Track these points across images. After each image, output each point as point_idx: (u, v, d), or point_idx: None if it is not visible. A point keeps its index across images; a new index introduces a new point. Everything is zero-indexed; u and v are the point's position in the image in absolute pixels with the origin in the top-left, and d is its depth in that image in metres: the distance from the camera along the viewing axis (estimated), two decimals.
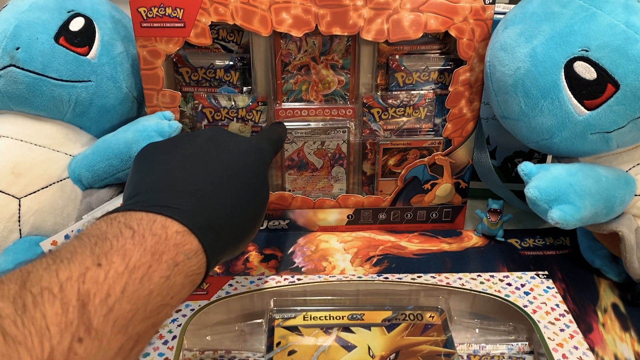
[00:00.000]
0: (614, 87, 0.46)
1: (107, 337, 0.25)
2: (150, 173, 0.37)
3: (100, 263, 0.27)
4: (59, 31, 0.54)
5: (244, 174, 0.38)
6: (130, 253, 0.29)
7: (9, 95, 0.54)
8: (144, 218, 0.31)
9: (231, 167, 0.38)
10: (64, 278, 0.26)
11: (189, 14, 0.53)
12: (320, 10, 0.53)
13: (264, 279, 0.53)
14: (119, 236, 0.30)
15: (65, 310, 0.25)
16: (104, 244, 0.29)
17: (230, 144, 0.40)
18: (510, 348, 0.48)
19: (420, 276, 0.54)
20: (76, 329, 0.24)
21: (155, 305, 0.29)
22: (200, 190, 0.35)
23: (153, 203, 0.33)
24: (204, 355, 0.48)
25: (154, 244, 0.30)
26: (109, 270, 0.27)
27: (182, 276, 0.31)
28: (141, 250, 0.29)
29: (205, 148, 0.38)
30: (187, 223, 0.32)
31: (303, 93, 0.60)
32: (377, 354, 0.45)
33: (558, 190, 0.47)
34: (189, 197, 0.34)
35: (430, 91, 0.60)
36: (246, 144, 0.41)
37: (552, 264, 0.59)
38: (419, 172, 0.62)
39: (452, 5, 0.54)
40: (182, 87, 0.60)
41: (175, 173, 0.36)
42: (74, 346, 0.24)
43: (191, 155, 0.38)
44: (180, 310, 0.49)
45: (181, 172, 0.36)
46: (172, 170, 0.36)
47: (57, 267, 0.27)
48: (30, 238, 0.52)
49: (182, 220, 0.32)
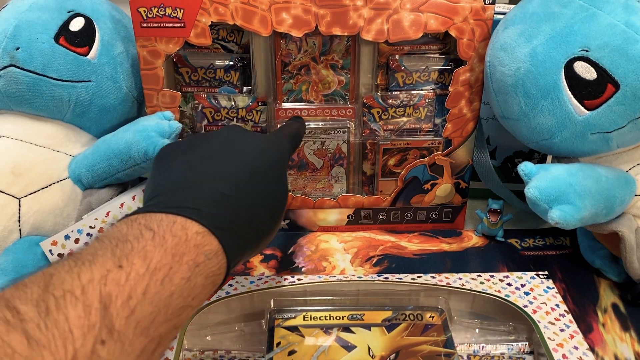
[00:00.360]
0: (614, 87, 0.46)
1: (129, 339, 0.26)
2: (169, 174, 0.37)
3: (121, 265, 0.27)
4: (59, 31, 0.54)
5: (262, 173, 0.38)
6: (151, 254, 0.29)
7: (9, 95, 0.54)
8: (164, 219, 0.31)
9: (249, 167, 0.38)
10: (86, 280, 0.26)
11: (189, 14, 0.53)
12: (320, 10, 0.53)
13: (264, 279, 0.53)
14: (139, 238, 0.30)
15: (88, 313, 0.25)
16: (124, 245, 0.29)
17: (249, 143, 0.40)
18: (510, 348, 0.48)
19: (420, 276, 0.54)
20: (99, 332, 0.25)
21: (176, 306, 0.29)
22: (219, 191, 0.35)
23: (172, 204, 0.33)
24: (204, 355, 0.48)
25: (174, 245, 0.30)
26: (130, 272, 0.27)
27: (203, 277, 0.31)
28: (162, 252, 0.29)
29: (223, 148, 0.39)
30: (207, 224, 0.32)
31: (303, 93, 0.60)
32: (377, 354, 0.45)
33: (558, 190, 0.47)
34: (208, 198, 0.34)
35: (430, 91, 0.60)
36: (264, 142, 0.41)
37: (552, 264, 0.59)
38: (419, 172, 0.62)
39: (452, 5, 0.54)
40: (182, 87, 0.60)
41: (194, 174, 0.36)
42: (96, 348, 0.24)
43: (209, 155, 0.38)
44: None
45: (200, 173, 0.36)
46: (191, 171, 0.36)
47: (79, 269, 0.27)
48: (30, 238, 0.52)
49: (202, 221, 0.32)
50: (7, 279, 0.48)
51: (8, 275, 0.49)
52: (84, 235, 0.51)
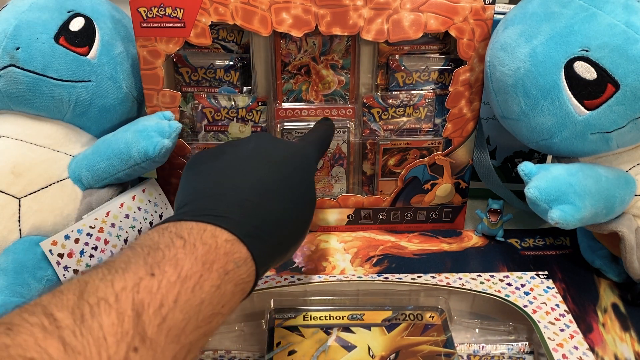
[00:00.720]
0: (614, 87, 0.46)
1: (161, 346, 0.26)
2: (199, 183, 0.37)
3: (153, 273, 0.28)
4: (59, 31, 0.54)
5: (290, 181, 0.39)
6: (182, 262, 0.29)
7: (9, 95, 0.54)
8: (195, 227, 0.32)
9: (277, 175, 0.38)
10: (119, 288, 0.27)
11: (189, 14, 0.53)
12: (320, 10, 0.53)
13: (264, 279, 0.53)
14: (170, 246, 0.30)
15: (121, 321, 0.25)
16: (156, 253, 0.29)
17: (276, 151, 0.41)
18: (510, 348, 0.48)
19: (420, 276, 0.54)
20: (132, 339, 0.25)
21: (206, 314, 0.29)
22: (248, 199, 0.35)
23: (202, 212, 0.34)
24: (204, 355, 0.48)
25: (204, 253, 0.30)
26: (162, 279, 0.28)
27: (232, 284, 0.31)
28: (192, 260, 0.30)
29: (252, 156, 0.39)
30: (236, 231, 0.32)
31: (303, 93, 0.60)
32: (377, 354, 0.45)
33: (558, 190, 0.47)
34: (237, 206, 0.35)
35: (430, 91, 0.60)
36: (291, 149, 0.42)
37: (552, 264, 0.59)
38: (419, 172, 0.62)
39: (452, 5, 0.54)
40: (182, 87, 0.60)
41: (222, 182, 0.37)
42: (129, 356, 0.25)
43: (238, 163, 0.38)
44: None
45: (229, 181, 0.37)
46: (220, 179, 0.37)
47: (113, 277, 0.27)
48: (30, 238, 0.52)
49: (231, 229, 0.32)
50: (7, 279, 0.48)
51: (8, 275, 0.49)
52: (84, 235, 0.51)
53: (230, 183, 0.37)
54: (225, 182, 0.37)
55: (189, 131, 0.61)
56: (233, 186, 0.36)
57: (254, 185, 0.37)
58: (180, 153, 0.59)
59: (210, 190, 0.36)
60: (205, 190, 0.36)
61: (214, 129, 0.60)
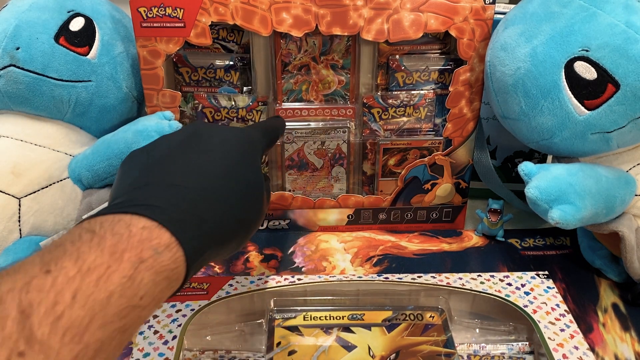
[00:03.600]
0: (614, 87, 0.46)
1: (55, 348, 0.24)
2: (127, 178, 0.35)
3: (49, 270, 0.25)
4: (59, 31, 0.54)
5: (226, 161, 0.36)
6: (84, 256, 0.27)
7: (9, 95, 0.54)
8: (107, 220, 0.29)
9: (210, 156, 0.36)
10: (5, 290, 0.24)
11: (189, 14, 0.53)
12: (320, 10, 0.53)
13: (264, 279, 0.53)
14: (76, 241, 0.28)
15: (2, 325, 0.23)
16: (57, 250, 0.27)
17: (211, 134, 0.38)
18: (510, 348, 0.48)
19: (421, 276, 0.54)
20: (15, 344, 0.23)
21: (118, 308, 0.26)
22: (174, 184, 0.33)
23: (123, 205, 0.31)
24: (204, 355, 0.48)
25: (113, 244, 0.28)
26: (58, 276, 0.25)
27: (151, 273, 0.28)
28: (97, 252, 0.27)
29: (185, 143, 0.37)
30: (155, 217, 0.30)
31: (303, 93, 0.60)
32: (377, 354, 0.45)
33: (558, 190, 0.47)
34: (161, 192, 0.32)
35: (431, 91, 0.60)
36: (229, 132, 0.39)
37: (552, 264, 0.59)
38: (419, 172, 0.62)
39: (452, 5, 0.54)
40: (182, 87, 0.60)
41: (150, 173, 0.34)
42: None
43: (168, 152, 0.36)
44: (180, 310, 0.49)
45: (157, 171, 0.34)
46: (148, 170, 0.35)
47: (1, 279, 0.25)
48: (30, 238, 0.52)
49: (150, 215, 0.30)
50: None
51: None
52: None
53: (158, 172, 0.34)
54: (153, 172, 0.34)
55: None
56: (160, 175, 0.34)
57: (183, 169, 0.34)
58: None
59: (134, 182, 0.34)
60: (130, 184, 0.34)
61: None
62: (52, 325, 0.24)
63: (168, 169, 0.34)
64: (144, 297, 0.28)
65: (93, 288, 0.26)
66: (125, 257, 0.27)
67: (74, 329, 0.24)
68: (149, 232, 0.29)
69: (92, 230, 0.28)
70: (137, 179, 0.34)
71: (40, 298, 0.24)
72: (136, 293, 0.27)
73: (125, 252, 0.28)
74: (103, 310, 0.26)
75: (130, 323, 0.27)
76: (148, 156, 0.36)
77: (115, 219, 0.29)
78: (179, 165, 0.35)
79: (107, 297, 0.26)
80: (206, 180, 0.34)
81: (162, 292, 0.29)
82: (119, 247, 0.28)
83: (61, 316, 0.24)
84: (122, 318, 0.27)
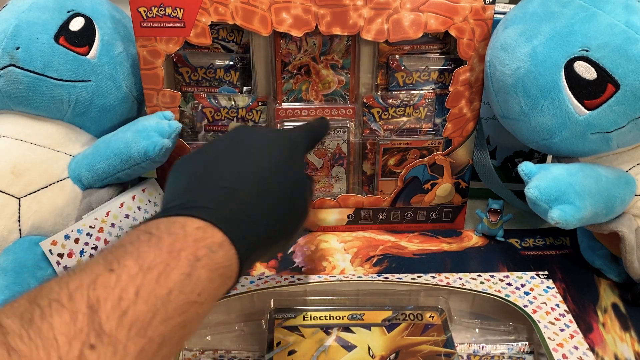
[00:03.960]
0: (614, 87, 0.46)
1: (123, 341, 0.25)
2: (178, 183, 0.37)
3: (112, 268, 0.27)
4: (59, 31, 0.54)
5: (270, 162, 0.37)
6: (144, 255, 0.28)
7: (9, 95, 0.54)
8: (163, 222, 0.31)
9: (255, 157, 0.37)
10: (74, 287, 0.26)
11: (189, 13, 0.53)
12: (320, 10, 0.53)
13: (264, 279, 0.53)
14: (135, 242, 0.29)
15: (74, 319, 0.24)
16: (117, 250, 0.29)
17: (254, 137, 0.40)
18: (510, 348, 0.48)
19: (420, 276, 0.54)
20: (86, 337, 0.24)
21: (178, 303, 0.28)
22: (223, 186, 0.35)
23: (176, 208, 0.33)
24: (203, 355, 0.48)
25: (170, 243, 0.29)
26: (122, 273, 0.27)
27: (207, 270, 0.30)
28: (156, 251, 0.29)
29: (229, 147, 0.38)
30: (208, 217, 0.31)
31: (303, 93, 0.60)
32: (377, 354, 0.45)
33: (558, 190, 0.47)
34: (211, 194, 0.34)
35: (430, 91, 0.60)
36: (271, 134, 0.41)
37: (552, 264, 0.59)
38: (419, 172, 0.62)
39: (452, 5, 0.54)
40: (182, 87, 0.60)
41: (197, 177, 0.36)
42: (85, 353, 0.24)
43: (214, 156, 0.38)
44: None
45: (204, 175, 0.36)
46: (195, 175, 0.36)
47: (69, 278, 0.27)
48: (30, 238, 0.52)
49: (202, 216, 0.31)
50: (7, 278, 0.48)
51: (8, 275, 0.49)
52: (84, 235, 0.51)
53: (205, 176, 0.36)
54: (202, 176, 0.36)
55: (189, 131, 0.61)
56: (207, 178, 0.35)
57: (231, 171, 0.36)
58: (180, 153, 0.59)
59: (186, 187, 0.35)
60: (179, 189, 0.36)
61: (214, 129, 0.60)
62: (118, 320, 0.25)
63: (216, 172, 0.36)
64: (202, 294, 0.29)
65: (154, 285, 0.27)
66: (183, 256, 0.29)
67: (139, 324, 0.26)
68: (203, 231, 0.31)
69: (149, 232, 0.30)
70: (188, 184, 0.36)
71: (107, 294, 0.26)
72: (194, 289, 0.29)
73: (182, 251, 0.29)
74: (164, 306, 0.27)
75: (190, 318, 0.28)
76: (196, 162, 0.38)
77: (170, 221, 0.31)
78: (226, 168, 0.36)
79: (168, 294, 0.27)
80: (252, 181, 0.35)
81: (218, 289, 0.31)
82: (176, 245, 0.29)
83: (126, 311, 0.26)
84: (182, 313, 0.28)
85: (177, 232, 0.30)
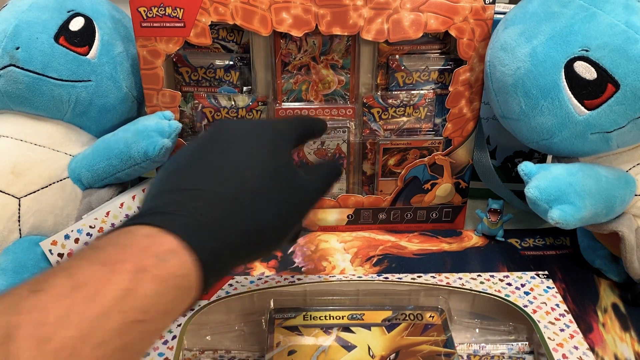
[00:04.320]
0: (614, 87, 0.46)
1: None
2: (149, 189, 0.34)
3: (38, 289, 0.24)
4: (59, 31, 0.54)
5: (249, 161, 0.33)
6: (77, 271, 0.25)
7: (9, 95, 0.54)
8: (116, 233, 0.28)
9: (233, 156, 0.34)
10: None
11: (189, 13, 0.53)
12: (320, 10, 0.53)
13: (264, 279, 0.53)
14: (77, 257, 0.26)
15: None
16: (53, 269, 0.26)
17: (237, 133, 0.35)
18: (510, 348, 0.48)
19: (420, 276, 0.54)
20: None
21: (115, 324, 0.24)
22: (187, 188, 0.31)
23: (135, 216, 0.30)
24: (203, 355, 0.48)
25: (109, 255, 0.26)
26: (48, 294, 0.24)
27: (155, 283, 0.26)
28: (92, 266, 0.25)
29: (205, 145, 0.35)
30: (160, 223, 0.28)
31: (303, 93, 0.60)
32: (377, 354, 0.45)
33: (558, 190, 0.47)
34: (171, 198, 0.31)
35: (430, 91, 0.60)
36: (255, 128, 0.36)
37: (552, 264, 0.59)
38: (419, 172, 0.62)
39: (452, 5, 0.54)
40: (182, 87, 0.60)
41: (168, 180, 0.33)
42: None
43: (189, 156, 0.34)
44: None
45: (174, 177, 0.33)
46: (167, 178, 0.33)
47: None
48: (30, 238, 0.52)
49: (152, 222, 0.28)
50: (6, 279, 0.48)
51: (8, 275, 0.49)
52: (84, 235, 0.51)
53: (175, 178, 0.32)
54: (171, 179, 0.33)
55: (189, 131, 0.61)
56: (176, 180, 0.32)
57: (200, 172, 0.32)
58: None
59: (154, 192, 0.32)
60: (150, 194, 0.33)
61: None
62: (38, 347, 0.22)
63: (185, 174, 0.33)
64: (149, 311, 0.25)
65: (84, 305, 0.24)
66: (122, 268, 0.25)
67: (66, 351, 0.23)
68: (152, 239, 0.27)
69: (96, 246, 0.27)
70: (158, 187, 0.33)
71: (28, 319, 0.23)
72: (136, 306, 0.25)
73: (122, 263, 0.26)
74: (98, 328, 0.24)
75: (133, 340, 0.25)
76: (170, 164, 0.35)
77: (123, 231, 0.28)
78: (197, 168, 0.33)
79: (102, 314, 0.24)
80: (223, 179, 0.32)
81: (173, 303, 0.27)
82: (115, 257, 0.26)
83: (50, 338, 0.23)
84: (122, 335, 0.24)
85: (122, 243, 0.27)
